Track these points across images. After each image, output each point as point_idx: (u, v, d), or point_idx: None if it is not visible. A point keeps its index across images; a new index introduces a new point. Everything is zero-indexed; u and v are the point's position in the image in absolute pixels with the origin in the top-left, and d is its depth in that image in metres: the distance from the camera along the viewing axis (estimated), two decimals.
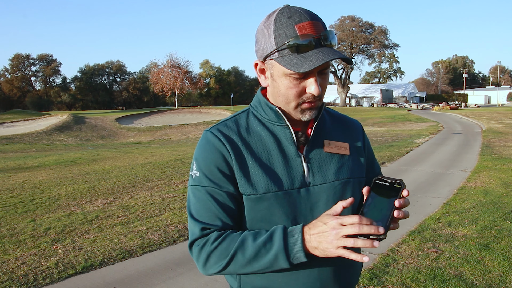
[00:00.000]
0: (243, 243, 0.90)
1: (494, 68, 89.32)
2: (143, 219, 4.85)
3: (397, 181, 0.89)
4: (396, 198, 0.86)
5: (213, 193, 0.95)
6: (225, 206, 0.95)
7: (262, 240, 0.89)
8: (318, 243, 0.84)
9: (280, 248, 0.87)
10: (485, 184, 6.45)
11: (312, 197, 0.96)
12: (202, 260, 0.93)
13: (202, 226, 0.94)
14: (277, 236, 0.88)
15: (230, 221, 0.95)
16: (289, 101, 0.94)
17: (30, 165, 10.21)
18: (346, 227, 0.80)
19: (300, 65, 0.86)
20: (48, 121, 29.04)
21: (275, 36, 0.88)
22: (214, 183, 0.95)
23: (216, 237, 0.92)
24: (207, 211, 0.95)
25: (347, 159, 1.03)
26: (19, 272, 3.35)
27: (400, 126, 21.57)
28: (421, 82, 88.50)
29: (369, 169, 1.12)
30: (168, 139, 22.56)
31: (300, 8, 0.90)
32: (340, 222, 0.81)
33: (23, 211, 5.32)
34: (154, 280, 3.23)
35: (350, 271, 1.03)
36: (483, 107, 46.02)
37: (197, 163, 0.98)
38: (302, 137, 0.99)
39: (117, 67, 72.16)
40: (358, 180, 1.03)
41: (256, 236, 0.91)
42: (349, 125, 1.11)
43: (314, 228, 0.85)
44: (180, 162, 9.73)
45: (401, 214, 0.85)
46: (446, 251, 3.62)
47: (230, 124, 1.01)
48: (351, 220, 0.80)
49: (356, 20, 59.44)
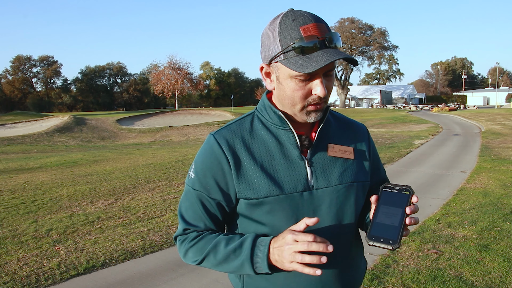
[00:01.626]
0: (215, 247, 0.97)
1: (492, 69, 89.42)
2: (144, 220, 4.87)
3: (405, 187, 0.88)
4: (407, 205, 0.86)
5: (202, 198, 1.00)
6: (211, 212, 1.01)
7: (233, 246, 0.95)
8: (278, 256, 0.88)
9: (246, 257, 0.92)
10: (485, 185, 6.47)
11: (315, 201, 0.97)
12: (182, 253, 1.03)
13: (185, 226, 1.03)
14: (246, 245, 0.93)
15: (213, 225, 1.02)
16: (295, 103, 0.94)
17: (31, 166, 10.23)
18: (299, 243, 0.84)
19: (306, 66, 0.86)
20: (49, 123, 29.06)
21: (280, 38, 0.89)
22: (205, 189, 0.99)
23: (195, 237, 1.01)
24: (193, 212, 1.02)
25: (351, 163, 1.03)
26: (22, 273, 3.37)
27: (399, 128, 21.59)
28: (420, 84, 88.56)
29: (374, 173, 1.12)
30: (169, 140, 22.58)
31: (304, 12, 0.91)
32: (294, 238, 0.85)
33: (25, 212, 5.34)
34: (155, 281, 3.25)
35: (352, 274, 1.04)
36: (482, 109, 46.03)
37: (195, 166, 1.02)
38: (305, 141, 1.00)
39: (117, 68, 72.25)
40: (362, 184, 1.03)
41: (228, 241, 0.96)
42: (355, 129, 1.11)
43: (276, 241, 0.90)
44: (181, 163, 9.75)
45: (413, 220, 0.86)
46: (446, 252, 3.64)
47: (235, 127, 1.02)
48: (305, 238, 0.84)
49: (356, 22, 59.51)
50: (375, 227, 0.87)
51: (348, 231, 1.01)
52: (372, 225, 0.88)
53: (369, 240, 0.86)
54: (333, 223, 0.98)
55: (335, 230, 0.98)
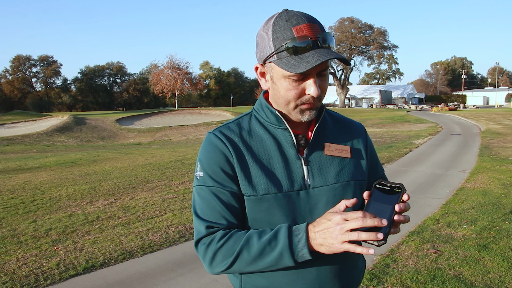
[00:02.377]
0: (248, 241, 0.91)
1: (492, 69, 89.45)
2: (144, 220, 4.86)
3: (397, 185, 0.89)
4: (397, 202, 0.86)
5: (217, 192, 0.97)
6: (229, 205, 0.97)
7: (267, 238, 0.90)
8: (323, 239, 0.85)
9: (285, 246, 0.88)
10: (484, 184, 6.47)
11: (311, 199, 0.98)
12: (209, 258, 0.94)
13: (208, 224, 0.96)
14: (282, 234, 0.90)
15: (235, 219, 0.97)
16: (289, 102, 0.95)
17: (31, 166, 10.22)
18: (350, 222, 0.82)
19: (297, 66, 0.87)
20: (48, 122, 29.03)
21: (273, 39, 0.90)
22: (217, 182, 0.97)
23: (222, 236, 0.94)
24: (212, 210, 0.97)
25: (348, 162, 1.04)
26: (21, 273, 3.37)
27: (399, 127, 21.60)
28: (420, 83, 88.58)
29: (372, 171, 1.12)
30: (168, 140, 22.57)
31: (298, 12, 0.92)
32: (344, 217, 0.83)
33: (24, 212, 5.33)
34: (155, 280, 3.25)
35: (350, 273, 1.04)
36: (481, 108, 46.06)
37: (201, 164, 1.01)
38: (302, 140, 1.01)
39: (117, 68, 72.21)
40: (360, 183, 1.04)
41: (261, 234, 0.92)
42: (352, 128, 1.11)
43: (319, 225, 0.87)
44: (180, 163, 9.75)
45: (402, 218, 0.86)
46: (446, 251, 3.64)
47: (233, 126, 1.03)
48: (355, 215, 0.82)
49: (355, 21, 59.48)
50: None
51: None
52: None
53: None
54: None
55: None
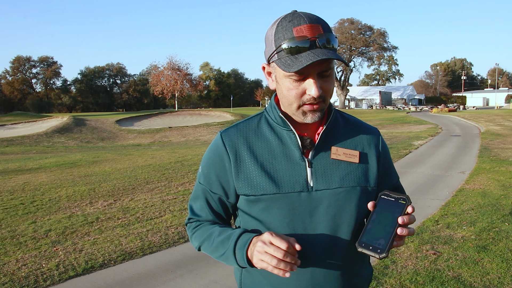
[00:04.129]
0: (209, 236, 1.04)
1: (492, 70, 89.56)
2: (143, 221, 4.86)
3: (402, 197, 0.88)
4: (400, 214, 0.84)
5: (205, 192, 1.08)
6: (212, 206, 1.08)
7: (222, 238, 1.00)
8: (251, 251, 0.90)
9: (230, 249, 0.96)
10: (484, 186, 6.47)
11: (313, 202, 0.97)
12: (189, 236, 1.13)
13: (190, 215, 1.12)
14: (232, 238, 0.97)
15: (215, 217, 1.09)
16: (291, 102, 0.96)
17: (30, 167, 10.22)
18: (271, 246, 0.85)
19: (291, 65, 0.89)
20: (48, 123, 29.03)
21: (275, 39, 0.92)
22: (208, 183, 1.07)
23: (195, 226, 1.10)
24: (198, 203, 1.11)
25: (355, 167, 1.01)
26: (20, 274, 3.37)
27: (399, 128, 21.61)
28: (419, 85, 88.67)
29: (384, 178, 1.08)
30: (168, 141, 22.57)
31: (304, 13, 0.92)
32: (270, 240, 0.86)
33: (24, 213, 5.33)
34: (154, 281, 3.25)
35: (350, 280, 1.01)
36: (481, 109, 46.07)
37: (202, 161, 1.10)
38: (307, 142, 1.01)
39: (117, 69, 72.31)
40: (366, 189, 1.01)
41: (221, 232, 1.02)
42: (365, 132, 1.08)
43: (257, 238, 0.91)
44: (180, 164, 9.75)
45: (405, 231, 0.85)
46: (445, 253, 3.64)
47: (242, 126, 1.06)
48: (279, 244, 0.84)
49: (355, 22, 59.57)
50: (367, 234, 0.88)
51: (345, 235, 0.98)
52: (364, 232, 0.88)
53: (359, 246, 0.87)
54: (329, 225, 0.97)
55: (331, 232, 0.98)
